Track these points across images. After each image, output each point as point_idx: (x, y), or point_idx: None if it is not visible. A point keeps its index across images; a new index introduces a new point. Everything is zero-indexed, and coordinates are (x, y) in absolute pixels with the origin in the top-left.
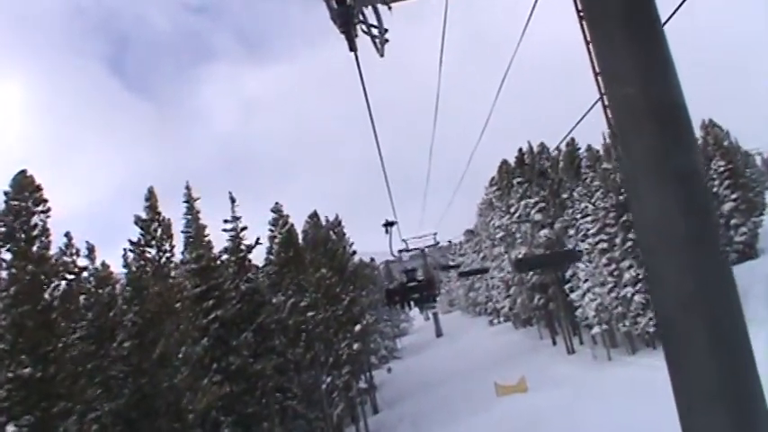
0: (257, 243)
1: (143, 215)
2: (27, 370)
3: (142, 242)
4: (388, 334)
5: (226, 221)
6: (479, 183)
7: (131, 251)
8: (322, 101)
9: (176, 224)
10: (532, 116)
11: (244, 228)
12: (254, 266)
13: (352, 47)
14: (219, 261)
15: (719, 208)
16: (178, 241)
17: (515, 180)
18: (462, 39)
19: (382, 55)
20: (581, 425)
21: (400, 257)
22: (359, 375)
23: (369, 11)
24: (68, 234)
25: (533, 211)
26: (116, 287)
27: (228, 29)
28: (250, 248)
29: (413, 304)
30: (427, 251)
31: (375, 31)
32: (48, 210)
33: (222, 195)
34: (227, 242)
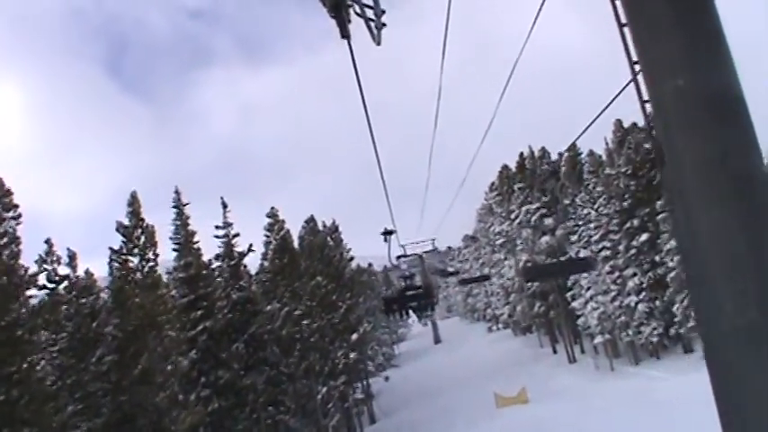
0: (250, 250)
1: (126, 221)
2: None
3: (124, 250)
4: (386, 341)
5: (218, 227)
6: (479, 187)
7: (112, 260)
8: (321, 104)
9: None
10: (532, 120)
11: (236, 234)
12: (246, 274)
13: (343, 33)
14: (210, 269)
15: None
16: (167, 248)
17: (516, 185)
18: (462, 41)
19: (378, 43)
20: None
21: (399, 264)
22: (355, 384)
23: None
24: (49, 240)
25: (534, 217)
26: (100, 297)
27: (227, 32)
28: (242, 256)
29: (411, 312)
30: (426, 257)
31: (370, 14)
32: (19, 216)
33: (220, 199)
34: (218, 249)
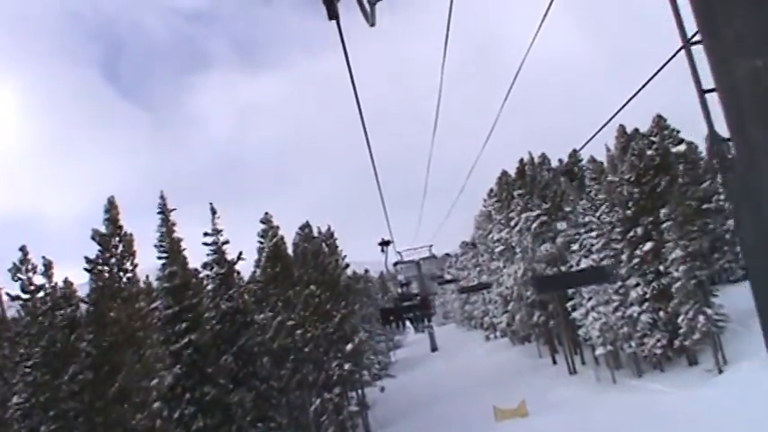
0: (239, 258)
1: (102, 229)
2: None
3: (100, 260)
4: (382, 349)
5: (206, 234)
6: (477, 193)
7: (87, 270)
8: (318, 108)
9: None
10: (530, 126)
11: (225, 241)
12: (237, 283)
13: (331, 13)
14: (198, 278)
15: (725, 223)
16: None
17: (516, 192)
18: (462, 44)
19: (373, 24)
20: None
21: (396, 271)
22: (350, 394)
23: None
24: (24, 248)
25: (534, 225)
26: (80, 307)
27: (224, 36)
28: (232, 264)
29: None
30: (423, 263)
31: None
32: None
33: (218, 204)
34: (207, 257)
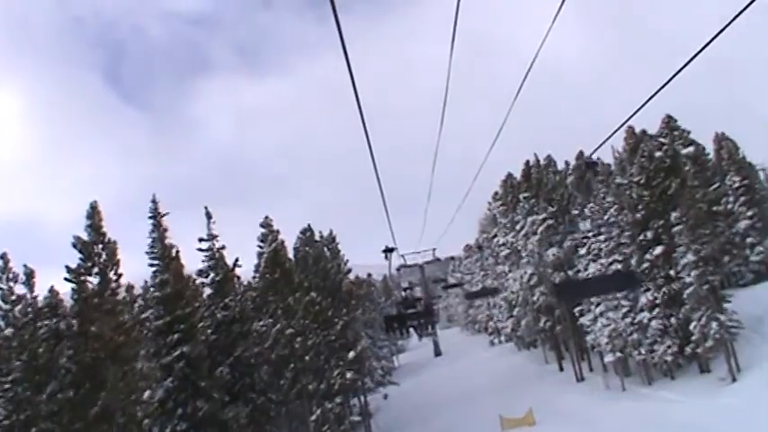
0: (236, 265)
1: (84, 236)
2: None
3: (81, 269)
4: (385, 354)
5: (201, 240)
6: (481, 195)
7: (68, 280)
8: (320, 112)
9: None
10: (534, 128)
11: (222, 247)
12: (233, 290)
13: None
14: (192, 286)
15: (734, 226)
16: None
17: (521, 195)
18: (462, 46)
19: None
20: None
21: (399, 275)
22: (352, 402)
23: None
24: (4, 256)
25: (541, 228)
26: (66, 319)
27: (226, 41)
28: (228, 271)
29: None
30: (426, 267)
31: None
32: None
33: (220, 208)
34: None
